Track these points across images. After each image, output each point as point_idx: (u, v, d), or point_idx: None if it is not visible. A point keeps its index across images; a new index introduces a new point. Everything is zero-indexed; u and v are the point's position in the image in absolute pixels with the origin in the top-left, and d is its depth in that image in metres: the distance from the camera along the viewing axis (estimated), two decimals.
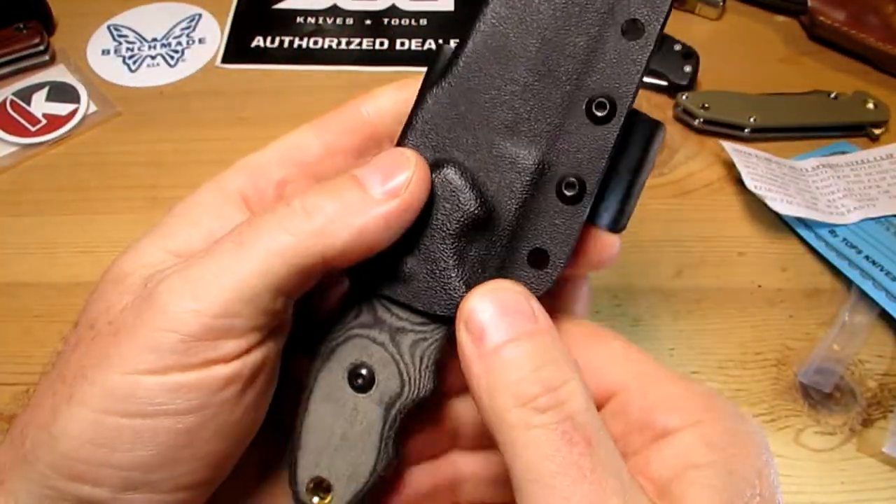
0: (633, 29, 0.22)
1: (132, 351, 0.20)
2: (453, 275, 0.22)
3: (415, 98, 0.23)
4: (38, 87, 0.54)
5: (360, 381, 0.23)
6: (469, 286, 0.22)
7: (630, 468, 0.20)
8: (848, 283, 0.44)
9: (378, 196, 0.21)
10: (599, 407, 0.21)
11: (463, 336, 0.20)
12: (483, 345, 0.20)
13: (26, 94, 0.53)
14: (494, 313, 0.20)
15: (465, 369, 0.20)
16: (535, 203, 0.22)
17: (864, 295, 0.43)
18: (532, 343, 0.20)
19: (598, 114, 0.22)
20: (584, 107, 0.22)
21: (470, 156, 0.22)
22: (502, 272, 0.23)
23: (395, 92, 0.25)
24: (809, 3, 0.57)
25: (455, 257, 0.22)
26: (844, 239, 0.45)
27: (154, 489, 0.20)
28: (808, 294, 0.44)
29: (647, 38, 0.21)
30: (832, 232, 0.46)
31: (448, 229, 0.22)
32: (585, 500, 0.18)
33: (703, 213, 0.48)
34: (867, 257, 0.44)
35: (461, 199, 0.22)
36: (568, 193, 0.22)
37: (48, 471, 0.20)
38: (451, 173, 0.22)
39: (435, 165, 0.22)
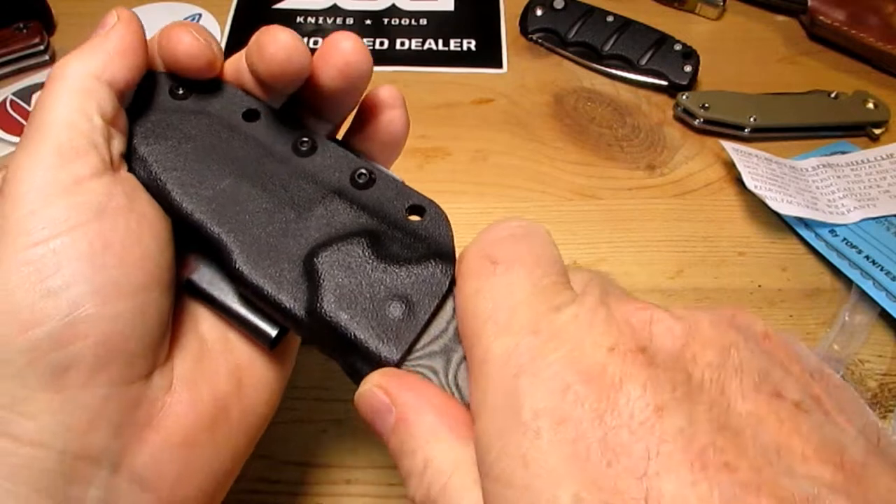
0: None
1: (17, 201, 0.22)
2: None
3: None
4: (38, 87, 0.54)
5: None
6: (409, 280, 0.23)
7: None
8: (848, 283, 0.44)
9: (106, 30, 0.26)
10: None
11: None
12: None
13: (26, 94, 0.53)
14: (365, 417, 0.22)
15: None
16: (366, 202, 0.26)
17: (864, 295, 0.43)
18: (395, 437, 0.21)
19: (303, 149, 0.26)
20: (291, 148, 0.26)
21: (306, 232, 0.25)
22: (411, 244, 0.24)
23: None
24: (809, 3, 0.58)
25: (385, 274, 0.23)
26: (845, 239, 0.45)
27: (100, 298, 0.22)
28: (808, 294, 0.44)
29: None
30: (832, 232, 0.46)
31: (372, 261, 0.24)
32: None
33: (703, 213, 0.48)
34: (867, 257, 0.44)
35: (351, 243, 0.24)
36: (362, 181, 0.26)
37: (12, 339, 0.21)
38: (327, 253, 0.24)
39: (310, 257, 0.24)
